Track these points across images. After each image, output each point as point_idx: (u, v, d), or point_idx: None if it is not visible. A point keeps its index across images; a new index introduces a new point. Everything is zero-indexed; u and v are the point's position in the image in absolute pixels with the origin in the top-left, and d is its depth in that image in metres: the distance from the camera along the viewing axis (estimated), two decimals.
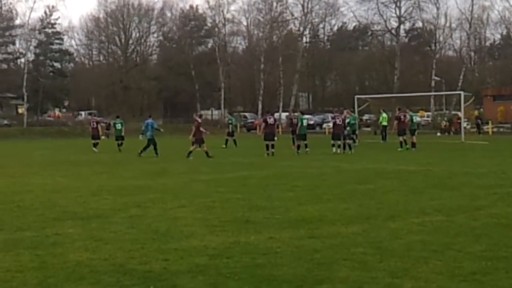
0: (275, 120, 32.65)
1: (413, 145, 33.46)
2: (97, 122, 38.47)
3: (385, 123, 43.79)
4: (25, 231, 10.93)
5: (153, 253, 9.10)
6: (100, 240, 10.04)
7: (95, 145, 36.73)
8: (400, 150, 32.85)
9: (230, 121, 41.18)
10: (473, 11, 73.38)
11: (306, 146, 31.82)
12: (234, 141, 39.02)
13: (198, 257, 8.82)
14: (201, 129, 29.96)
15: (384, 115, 44.32)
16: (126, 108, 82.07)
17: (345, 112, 35.00)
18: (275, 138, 31.36)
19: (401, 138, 33.90)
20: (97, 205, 13.86)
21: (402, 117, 34.65)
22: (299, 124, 32.38)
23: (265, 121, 31.63)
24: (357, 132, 39.38)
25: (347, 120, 33.15)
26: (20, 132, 64.79)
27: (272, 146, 30.48)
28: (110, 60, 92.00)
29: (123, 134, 38.26)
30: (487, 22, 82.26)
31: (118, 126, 38.62)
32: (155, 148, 31.15)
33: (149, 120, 32.33)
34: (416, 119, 43.65)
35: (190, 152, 29.51)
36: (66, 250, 9.39)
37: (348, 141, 32.22)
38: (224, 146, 37.85)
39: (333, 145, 31.56)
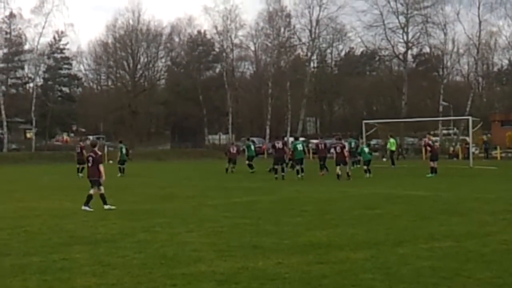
0: (283, 144, 33.02)
1: (435, 170, 32.98)
2: (82, 148, 36.55)
3: (393, 148, 43.75)
4: (32, 256, 10.91)
5: (161, 278, 9.07)
6: (107, 265, 10.01)
7: (79, 170, 35.69)
8: (429, 177, 32.20)
9: (247, 145, 40.28)
10: (481, 36, 73.50)
11: (302, 170, 31.52)
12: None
13: (206, 282, 8.79)
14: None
15: (392, 140, 44.31)
16: (134, 133, 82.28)
17: None
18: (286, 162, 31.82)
19: (432, 163, 33.24)
20: (105, 230, 13.85)
21: (430, 143, 34.12)
22: (294, 149, 32.28)
23: (273, 146, 32.78)
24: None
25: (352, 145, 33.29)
26: (29, 157, 64.90)
27: (282, 170, 31.04)
28: (118, 84, 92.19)
29: (125, 158, 38.47)
30: (494, 47, 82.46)
31: (123, 151, 38.60)
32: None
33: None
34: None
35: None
36: (73, 275, 9.37)
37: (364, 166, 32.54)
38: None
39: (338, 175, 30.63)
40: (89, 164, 18.58)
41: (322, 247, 11.25)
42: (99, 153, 18.75)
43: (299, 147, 32.03)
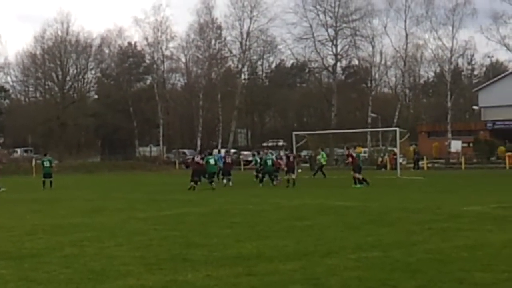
0: (202, 158, 34.50)
1: (359, 181, 33.47)
2: None
3: (323, 161, 44.22)
4: None
5: None
6: (33, 280, 9.82)
7: None
8: (357, 187, 32.62)
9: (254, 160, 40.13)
10: (408, 49, 74.92)
11: (212, 182, 33.41)
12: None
13: None
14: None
15: (323, 152, 44.88)
16: (63, 145, 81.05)
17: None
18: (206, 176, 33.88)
19: (357, 174, 33.77)
20: (31, 245, 13.56)
21: (354, 154, 35.09)
22: (206, 163, 33.87)
23: (193, 159, 35.40)
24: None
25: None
26: None
27: (196, 182, 32.63)
28: (47, 96, 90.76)
29: (50, 171, 37.24)
30: (421, 60, 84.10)
31: (46, 164, 37.40)
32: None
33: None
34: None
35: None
36: None
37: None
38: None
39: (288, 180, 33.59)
40: None
41: (251, 259, 11.27)
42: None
43: (211, 161, 33.86)
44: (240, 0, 78.50)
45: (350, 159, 34.77)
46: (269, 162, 35.21)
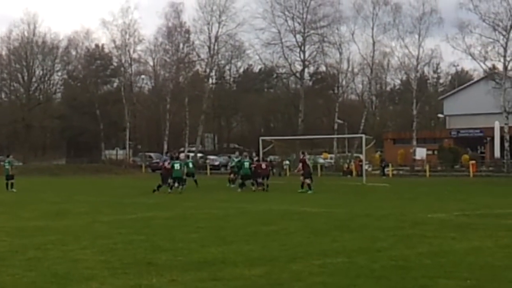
0: (169, 163, 34.87)
1: (308, 186, 33.81)
2: None
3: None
4: None
5: None
6: None
7: None
8: (302, 191, 32.99)
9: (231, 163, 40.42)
10: (374, 57, 75.37)
11: (182, 186, 34.01)
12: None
13: None
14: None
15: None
16: (28, 147, 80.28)
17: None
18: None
19: (307, 180, 34.06)
20: None
21: (307, 160, 35.37)
22: (172, 167, 34.14)
23: (163, 164, 36.06)
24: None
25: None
26: None
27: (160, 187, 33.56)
28: (12, 97, 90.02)
29: (10, 173, 36.85)
30: (387, 67, 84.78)
31: (6, 166, 37.20)
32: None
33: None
34: (320, 160, 44.45)
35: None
36: None
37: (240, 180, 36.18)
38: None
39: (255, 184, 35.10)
40: None
41: (216, 264, 11.25)
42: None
43: (176, 166, 33.97)
44: (209, 5, 78.38)
45: (301, 164, 34.85)
46: (246, 165, 35.36)
